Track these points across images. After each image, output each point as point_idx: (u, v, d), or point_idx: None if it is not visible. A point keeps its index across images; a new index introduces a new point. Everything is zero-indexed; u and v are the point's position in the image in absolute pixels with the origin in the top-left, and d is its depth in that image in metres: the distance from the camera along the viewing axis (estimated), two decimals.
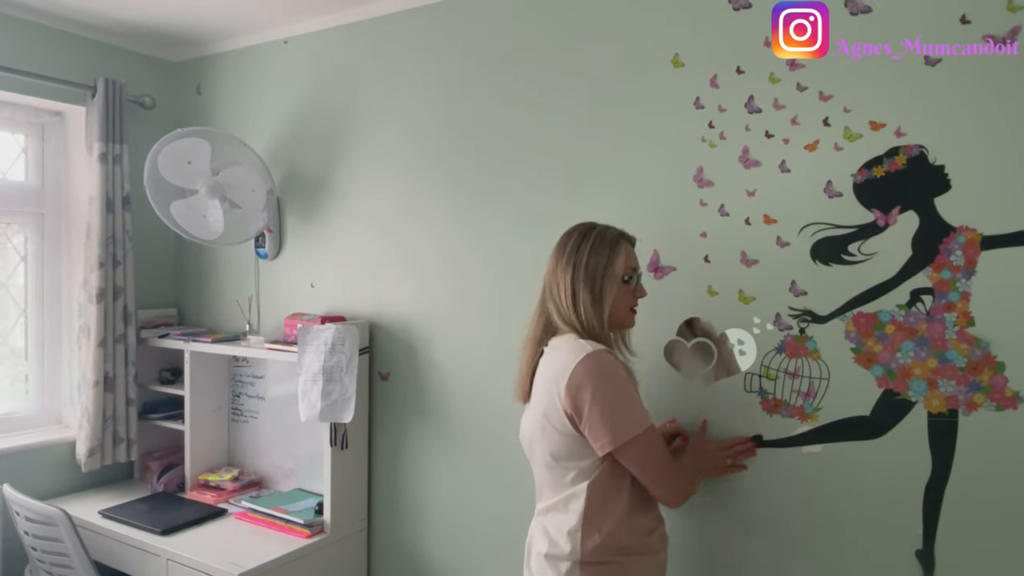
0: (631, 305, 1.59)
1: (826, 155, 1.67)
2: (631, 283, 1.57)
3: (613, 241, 1.54)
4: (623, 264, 1.54)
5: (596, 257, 1.52)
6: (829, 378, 1.68)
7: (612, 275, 1.52)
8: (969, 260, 1.53)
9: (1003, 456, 1.51)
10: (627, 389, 1.47)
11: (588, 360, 1.45)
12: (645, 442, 1.45)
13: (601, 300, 1.51)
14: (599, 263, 1.51)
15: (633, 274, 1.58)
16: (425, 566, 2.34)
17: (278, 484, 2.66)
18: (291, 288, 2.64)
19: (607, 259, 1.52)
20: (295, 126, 2.62)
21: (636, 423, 1.45)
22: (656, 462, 1.48)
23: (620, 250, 1.54)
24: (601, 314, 1.51)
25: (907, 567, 1.60)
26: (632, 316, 1.61)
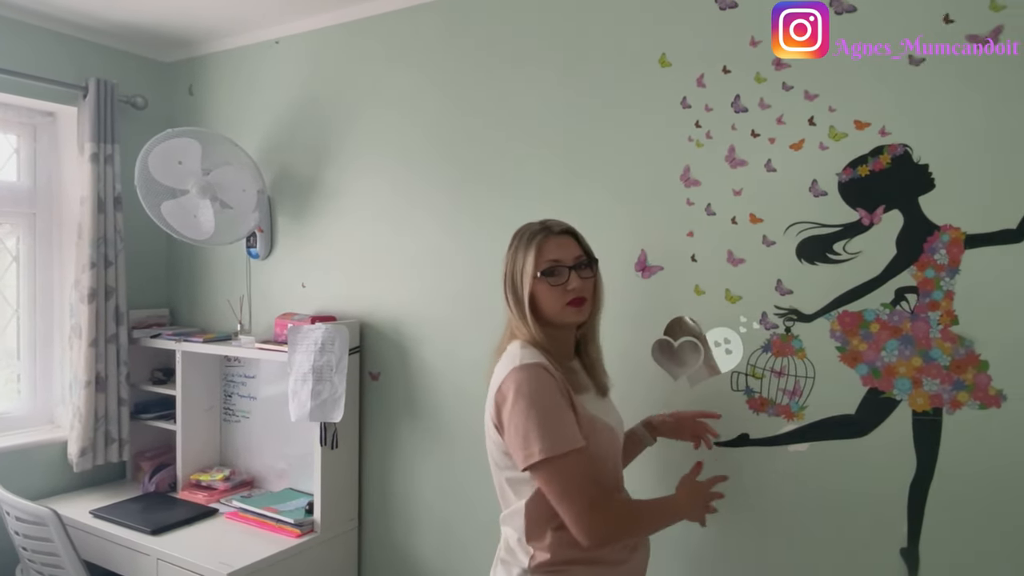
0: (564, 301, 1.45)
1: (811, 154, 1.68)
2: (553, 277, 1.45)
3: (529, 237, 1.48)
4: (535, 259, 1.45)
5: (514, 259, 1.49)
6: (815, 377, 1.69)
7: (527, 273, 1.45)
8: (953, 259, 1.54)
9: (987, 454, 1.51)
10: (551, 407, 1.36)
11: (516, 372, 1.39)
12: (558, 467, 1.33)
13: (522, 302, 1.46)
14: (516, 265, 1.48)
15: (555, 267, 1.45)
16: (415, 565, 2.34)
17: (270, 484, 2.66)
18: (282, 288, 2.64)
19: (523, 259, 1.47)
20: (286, 126, 2.62)
21: (553, 445, 1.32)
22: (569, 490, 1.33)
23: (533, 245, 1.46)
24: (524, 316, 1.46)
25: (892, 565, 1.60)
26: (571, 311, 1.46)
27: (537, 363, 1.40)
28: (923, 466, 1.58)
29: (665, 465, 1.85)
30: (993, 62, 1.49)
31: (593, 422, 1.44)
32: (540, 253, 1.46)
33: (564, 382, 1.42)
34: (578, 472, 1.34)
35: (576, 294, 1.46)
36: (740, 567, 1.79)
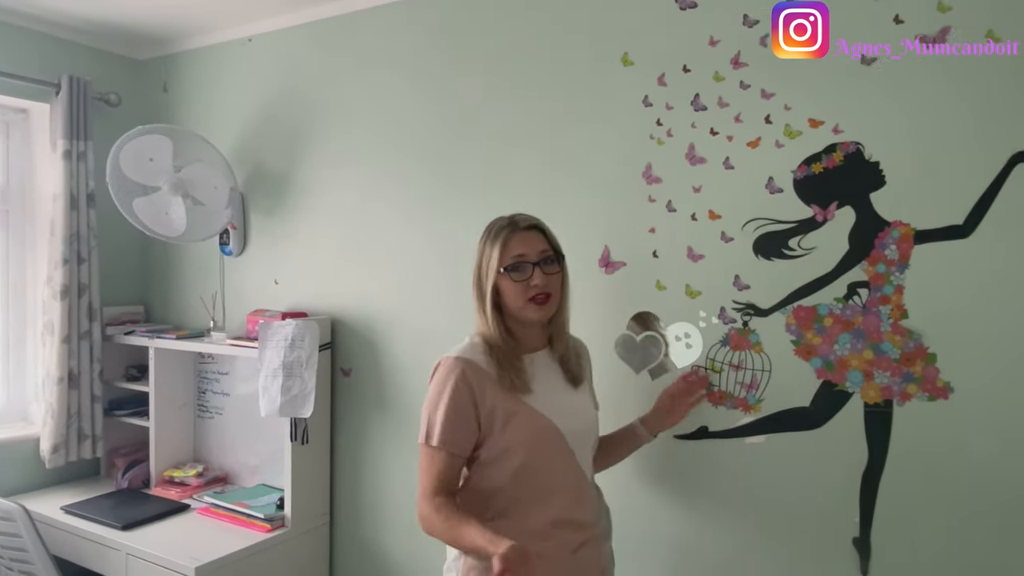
0: (526, 296, 1.47)
1: (768, 152, 1.71)
2: (517, 272, 1.47)
3: (496, 232, 1.51)
4: (500, 254, 1.48)
5: (482, 252, 1.53)
6: (771, 370, 1.72)
7: (491, 268, 1.49)
8: (903, 254, 1.57)
9: (935, 445, 1.55)
10: (447, 403, 1.44)
11: (444, 361, 1.50)
12: (424, 455, 1.48)
13: (485, 296, 1.50)
14: (483, 258, 1.52)
15: (519, 262, 1.47)
16: (387, 560, 2.36)
17: (243, 480, 2.67)
18: (256, 285, 2.65)
19: (488, 254, 1.50)
20: (260, 124, 2.64)
21: (429, 434, 1.46)
22: (420, 478, 1.48)
23: (499, 241, 1.49)
24: (485, 311, 1.50)
25: (845, 555, 1.64)
26: (533, 308, 1.48)
27: (462, 358, 1.48)
28: (874, 457, 1.61)
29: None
30: (940, 62, 1.52)
31: (516, 416, 1.46)
32: (505, 248, 1.49)
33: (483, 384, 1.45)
34: (432, 466, 1.46)
35: (539, 290, 1.48)
36: (698, 557, 1.81)
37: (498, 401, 1.46)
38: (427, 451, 1.47)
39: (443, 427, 1.44)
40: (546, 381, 1.55)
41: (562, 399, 1.55)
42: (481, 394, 1.45)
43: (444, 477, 1.46)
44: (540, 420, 1.48)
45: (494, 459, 1.47)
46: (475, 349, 1.50)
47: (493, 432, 1.46)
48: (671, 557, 1.86)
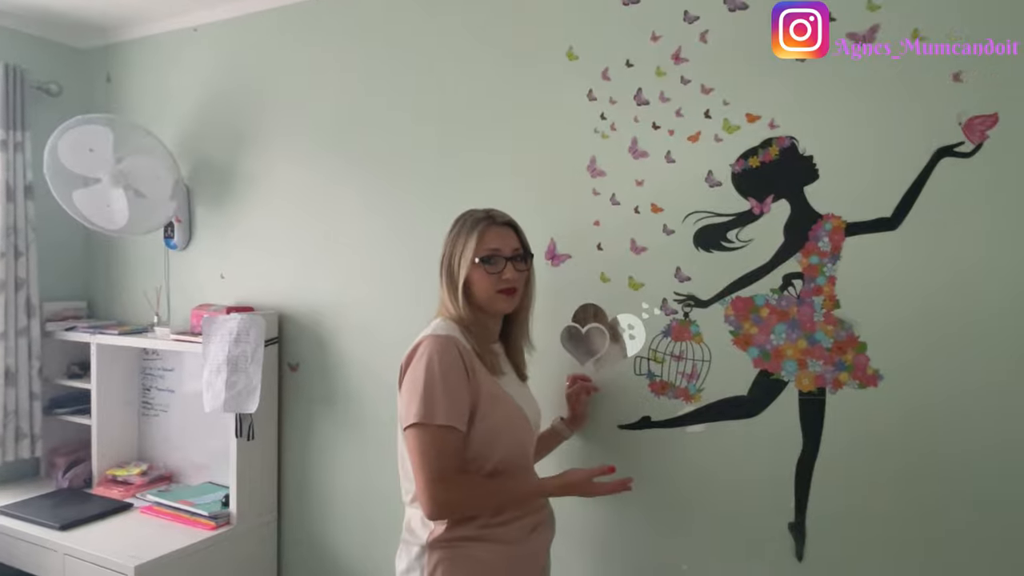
0: (496, 288, 1.53)
1: (707, 146, 1.74)
2: (490, 265, 1.52)
3: (473, 223, 1.55)
4: (476, 245, 1.52)
5: (456, 240, 1.55)
6: (711, 360, 1.75)
7: (465, 257, 1.52)
8: (835, 246, 1.61)
9: (865, 430, 1.59)
10: (445, 378, 1.40)
11: (428, 339, 1.46)
12: (426, 435, 1.38)
13: (457, 284, 1.52)
14: (457, 247, 1.54)
15: (493, 255, 1.53)
16: (335, 556, 2.34)
17: (189, 478, 2.62)
18: (201, 279, 2.61)
19: (464, 243, 1.53)
20: (206, 115, 2.59)
21: (429, 413, 1.38)
22: (424, 462, 1.38)
23: (475, 232, 1.53)
24: (457, 298, 1.52)
25: (781, 539, 1.68)
26: (502, 299, 1.54)
27: (449, 335, 1.46)
28: (808, 443, 1.65)
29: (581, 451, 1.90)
30: (869, 59, 1.57)
31: (500, 399, 1.50)
32: (482, 240, 1.53)
33: (472, 360, 1.47)
34: (441, 446, 1.39)
35: (508, 284, 1.54)
36: (640, 544, 1.84)
37: (484, 380, 1.48)
38: (428, 432, 1.38)
39: (446, 403, 1.39)
40: (507, 369, 1.62)
41: (521, 389, 1.64)
42: (472, 371, 1.46)
43: (453, 456, 1.40)
44: (514, 406, 1.53)
45: (479, 439, 1.46)
46: (453, 329, 1.50)
47: (479, 412, 1.46)
48: (610, 544, 1.88)
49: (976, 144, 1.48)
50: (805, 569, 1.66)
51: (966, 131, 1.49)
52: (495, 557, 1.46)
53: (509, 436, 1.51)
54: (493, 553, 1.45)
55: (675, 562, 1.80)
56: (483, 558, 1.45)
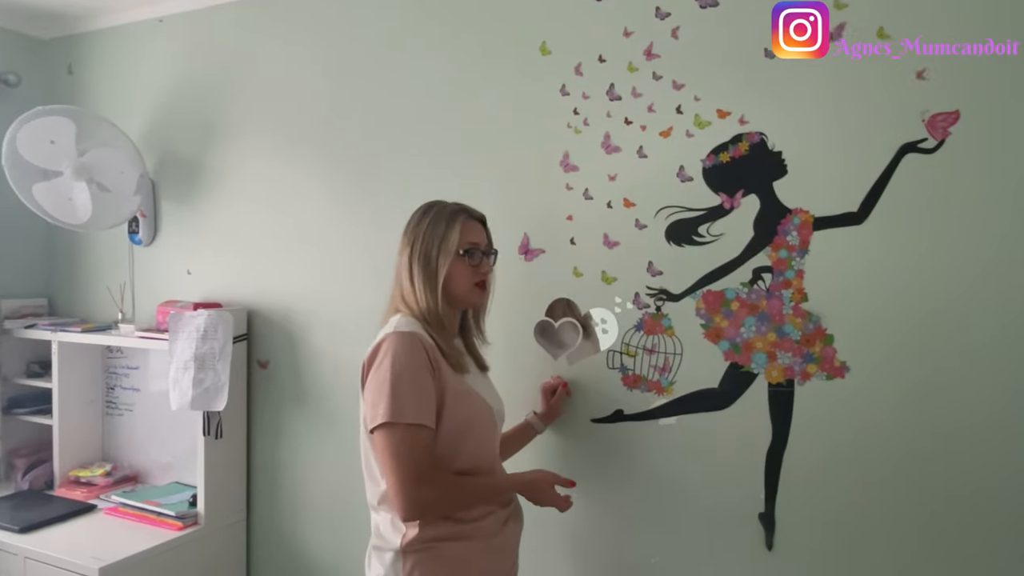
0: (473, 281, 1.54)
1: (679, 141, 1.75)
2: (471, 258, 1.53)
3: (450, 215, 1.53)
4: (459, 237, 1.51)
5: (432, 231, 1.51)
6: (682, 353, 1.77)
7: (446, 249, 1.50)
8: (803, 240, 1.64)
9: (833, 421, 1.63)
10: (412, 376, 1.37)
11: (391, 336, 1.41)
12: (397, 435, 1.35)
13: (435, 274, 1.49)
14: (434, 238, 1.51)
15: (473, 248, 1.53)
16: (306, 555, 2.31)
17: (155, 478, 2.57)
18: (167, 275, 2.55)
19: (442, 233, 1.51)
20: (171, 108, 2.54)
21: (398, 412, 1.35)
22: (396, 463, 1.34)
23: (456, 224, 1.52)
24: (435, 289, 1.49)
25: (751, 529, 1.70)
26: (477, 293, 1.56)
27: (412, 332, 1.43)
28: (778, 434, 1.68)
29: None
30: (837, 57, 1.60)
31: (465, 396, 1.48)
32: (464, 232, 1.53)
33: (436, 357, 1.44)
34: (412, 445, 1.36)
35: (483, 278, 1.56)
36: (612, 536, 1.85)
37: (449, 377, 1.46)
38: (398, 431, 1.35)
39: (414, 400, 1.36)
40: (469, 364, 1.60)
41: (484, 382, 1.63)
42: (437, 369, 1.43)
43: (425, 454, 1.37)
44: (480, 400, 1.52)
45: (447, 436, 1.44)
46: (416, 326, 1.46)
47: (446, 409, 1.43)
48: (582, 536, 1.89)
49: (939, 140, 1.52)
50: (775, 558, 1.69)
51: (929, 128, 1.53)
52: (472, 554, 1.45)
53: (476, 433, 1.50)
54: (469, 550, 1.45)
55: (646, 553, 1.81)
56: (460, 556, 1.44)
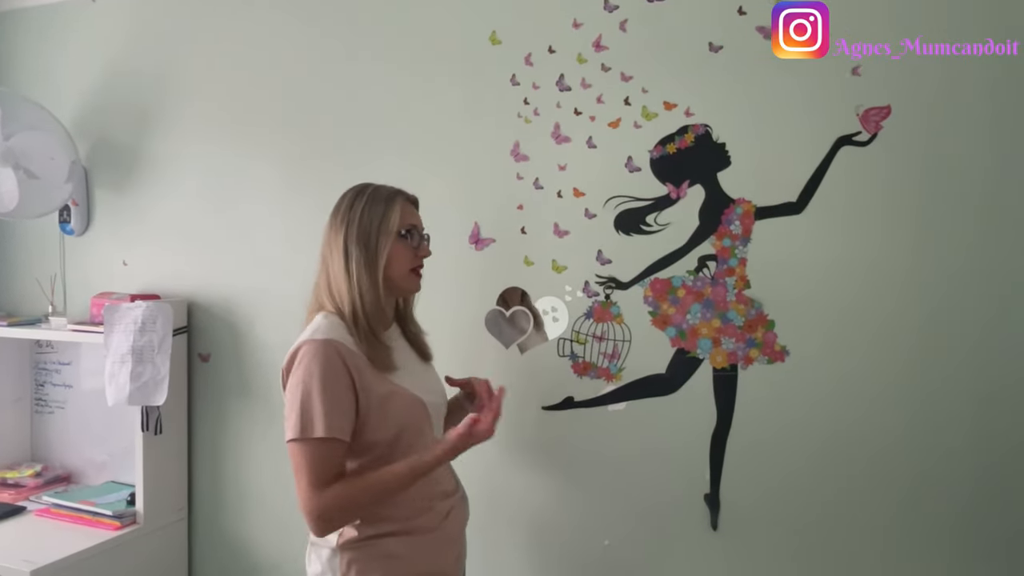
0: (412, 265, 1.49)
1: (627, 132, 1.79)
2: (411, 240, 1.48)
3: (388, 197, 1.47)
4: (399, 219, 1.46)
5: (370, 213, 1.44)
6: (631, 340, 1.80)
7: (387, 230, 1.44)
8: (745, 229, 1.70)
9: (774, 403, 1.69)
10: (324, 388, 1.32)
11: (307, 345, 1.36)
12: (304, 450, 1.32)
13: (376, 257, 1.42)
14: (373, 219, 1.44)
15: (413, 231, 1.49)
16: (251, 552, 2.26)
17: (89, 478, 2.47)
18: (101, 266, 2.45)
19: (382, 214, 1.44)
20: (107, 92, 2.43)
21: (305, 427, 1.31)
22: (299, 477, 1.32)
23: (396, 205, 1.47)
24: (375, 273, 1.42)
25: (697, 510, 1.75)
26: (415, 279, 1.51)
27: (330, 339, 1.36)
28: (722, 417, 1.73)
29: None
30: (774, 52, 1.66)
31: (394, 398, 1.41)
32: (403, 214, 1.48)
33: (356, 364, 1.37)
34: (319, 460, 1.32)
35: (420, 262, 1.51)
36: (564, 521, 1.88)
37: (372, 383, 1.39)
38: (307, 446, 1.32)
39: (326, 414, 1.31)
40: (404, 357, 1.52)
41: (421, 374, 1.55)
42: (358, 376, 1.37)
43: (331, 470, 1.34)
44: (410, 398, 1.45)
45: (373, 444, 1.40)
46: (337, 328, 1.39)
47: (370, 416, 1.38)
48: (535, 521, 1.91)
49: (872, 134, 1.60)
50: (719, 538, 1.74)
51: (863, 121, 1.60)
52: (410, 550, 1.42)
53: (410, 434, 1.44)
54: (408, 546, 1.41)
55: (597, 537, 1.85)
56: (398, 552, 1.41)
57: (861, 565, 1.64)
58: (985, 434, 1.56)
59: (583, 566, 1.87)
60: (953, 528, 1.58)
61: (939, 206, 1.56)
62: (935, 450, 1.58)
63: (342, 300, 1.43)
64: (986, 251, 1.54)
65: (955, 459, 1.58)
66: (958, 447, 1.57)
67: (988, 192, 1.54)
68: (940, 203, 1.56)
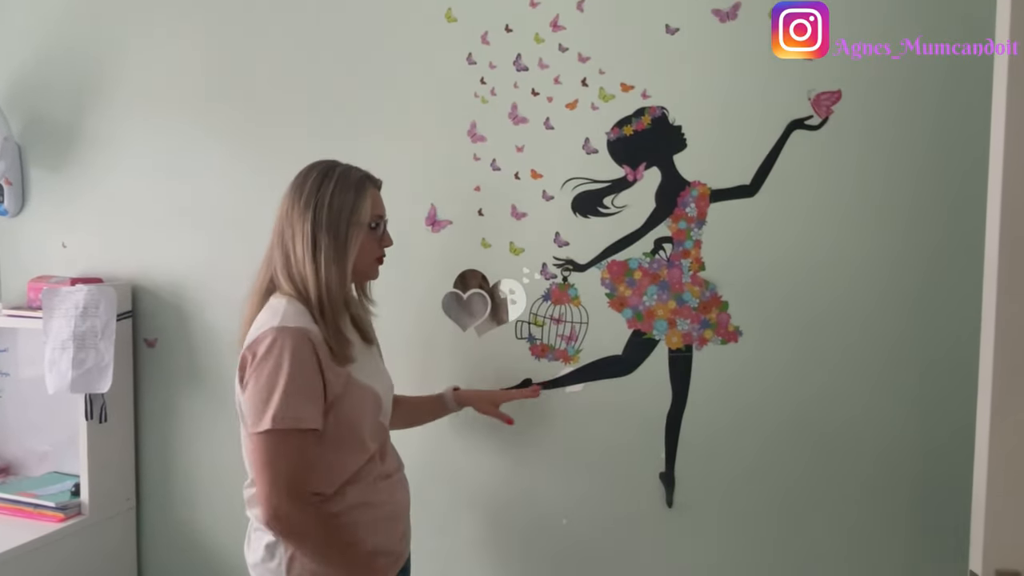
0: (378, 255, 1.48)
1: (584, 114, 1.78)
2: (378, 231, 1.47)
3: (359, 183, 1.42)
4: (370, 209, 1.42)
5: (340, 199, 1.38)
6: (588, 322, 1.81)
7: (358, 221, 1.39)
8: (701, 211, 1.72)
9: (727, 383, 1.72)
10: (298, 379, 1.28)
11: (275, 332, 1.29)
12: (278, 440, 1.27)
13: (345, 248, 1.38)
14: (344, 206, 1.38)
15: (380, 221, 1.47)
16: (201, 541, 2.21)
17: (29, 469, 2.37)
18: (38, 249, 2.34)
19: (352, 203, 1.39)
20: (40, 66, 2.31)
21: (292, 417, 1.27)
22: (274, 467, 1.27)
23: (366, 194, 1.42)
24: (344, 264, 1.39)
25: (652, 488, 1.78)
26: (377, 267, 1.50)
27: (300, 327, 1.31)
28: (677, 397, 1.76)
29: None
30: (732, 35, 1.67)
31: (350, 393, 1.38)
32: (374, 202, 1.45)
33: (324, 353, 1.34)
34: (292, 451, 1.28)
35: (383, 251, 1.49)
36: (523, 501, 1.89)
37: (335, 373, 1.35)
38: (274, 437, 1.26)
39: (294, 402, 1.27)
40: (357, 346, 1.48)
41: (370, 362, 1.52)
42: (327, 364, 1.33)
43: (302, 462, 1.29)
44: (365, 390, 1.43)
45: (333, 434, 1.37)
46: (302, 316, 1.34)
47: (331, 413, 1.35)
48: (493, 501, 1.91)
49: (823, 118, 1.62)
50: (674, 514, 1.78)
51: (814, 106, 1.63)
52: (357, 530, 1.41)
53: (361, 427, 1.42)
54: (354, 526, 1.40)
55: (556, 516, 1.86)
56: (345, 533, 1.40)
57: (816, 542, 1.69)
58: (934, 413, 1.61)
59: (541, 545, 1.88)
60: (910, 505, 1.63)
61: (884, 188, 1.60)
62: (887, 429, 1.63)
63: (305, 287, 1.37)
64: (932, 234, 1.59)
65: (908, 437, 1.62)
66: (911, 426, 1.61)
67: (936, 176, 1.58)
68: (885, 185, 1.60)
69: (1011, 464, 1.15)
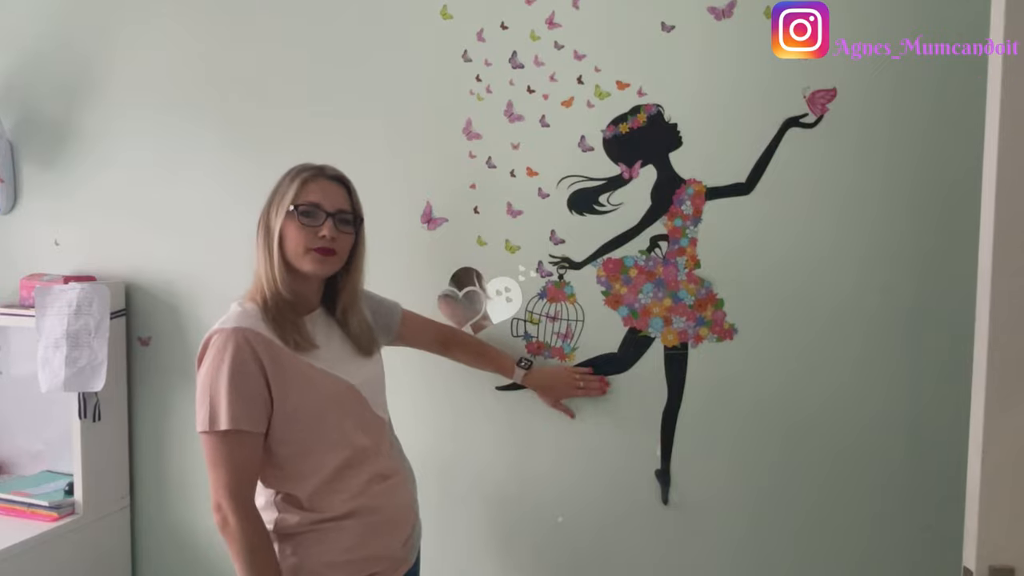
0: (307, 245, 1.39)
1: (580, 111, 1.78)
2: (307, 218, 1.39)
3: (295, 173, 1.44)
4: (294, 195, 1.40)
5: (275, 192, 1.45)
6: (584, 320, 1.81)
7: (281, 205, 1.41)
8: (696, 209, 1.72)
9: (723, 381, 1.73)
10: (232, 377, 1.30)
11: (218, 335, 1.34)
12: (215, 442, 1.31)
13: (270, 235, 1.41)
14: (274, 196, 1.44)
15: (311, 209, 1.40)
16: (196, 540, 2.20)
17: (23, 469, 2.36)
18: (30, 246, 2.33)
19: (282, 191, 1.43)
20: (33, 62, 2.29)
21: (212, 419, 1.30)
22: (211, 471, 1.32)
23: (298, 182, 1.42)
24: (270, 251, 1.40)
25: (648, 485, 1.79)
26: (314, 258, 1.39)
27: (237, 328, 1.34)
28: (673, 395, 1.76)
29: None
30: (729, 33, 1.67)
31: (312, 382, 1.38)
32: (303, 189, 1.42)
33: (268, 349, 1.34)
34: (230, 454, 1.31)
35: (325, 243, 1.39)
36: (517, 498, 1.89)
37: (287, 367, 1.35)
38: (215, 439, 1.31)
39: (231, 404, 1.29)
40: (329, 339, 1.47)
41: (349, 357, 1.49)
42: (270, 362, 1.34)
43: (245, 464, 1.33)
44: (331, 380, 1.41)
45: (295, 428, 1.37)
46: (249, 316, 1.37)
47: (288, 401, 1.35)
48: (491, 498, 1.92)
49: (818, 116, 1.63)
50: (670, 512, 1.78)
51: (810, 104, 1.63)
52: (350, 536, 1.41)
53: (332, 419, 1.41)
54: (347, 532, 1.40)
55: (551, 513, 1.87)
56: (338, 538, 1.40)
57: (811, 538, 1.70)
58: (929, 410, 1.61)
59: (537, 542, 1.89)
60: (905, 501, 1.64)
61: (880, 186, 1.60)
62: (883, 426, 1.63)
63: (257, 282, 1.43)
64: (928, 232, 1.59)
65: (903, 434, 1.62)
66: (906, 422, 1.62)
67: (933, 174, 1.58)
68: (881, 183, 1.60)
69: (1005, 460, 1.16)
